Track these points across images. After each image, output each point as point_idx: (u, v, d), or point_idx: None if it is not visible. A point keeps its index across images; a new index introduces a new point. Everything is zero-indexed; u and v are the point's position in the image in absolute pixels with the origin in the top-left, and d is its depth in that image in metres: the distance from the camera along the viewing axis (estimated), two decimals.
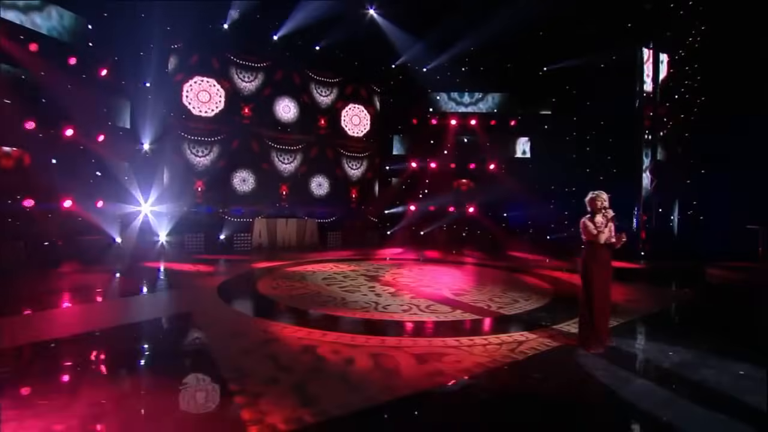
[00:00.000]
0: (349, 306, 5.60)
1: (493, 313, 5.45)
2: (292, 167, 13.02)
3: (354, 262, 9.54)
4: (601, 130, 12.23)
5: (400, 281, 7.30)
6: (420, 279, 7.54)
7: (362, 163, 14.29)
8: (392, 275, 7.82)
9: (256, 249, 11.61)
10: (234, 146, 11.82)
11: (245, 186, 12.20)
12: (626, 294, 6.61)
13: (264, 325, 4.85)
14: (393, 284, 7.00)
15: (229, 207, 11.69)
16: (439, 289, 6.69)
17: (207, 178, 11.43)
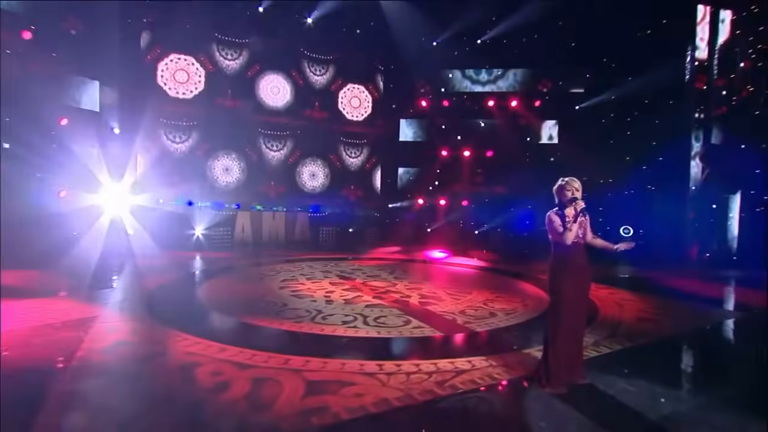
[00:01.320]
0: (283, 314, 5.35)
1: (456, 328, 5.05)
2: (281, 155, 12.88)
3: (340, 261, 9.52)
4: (646, 110, 11.03)
5: (370, 284, 7.14)
6: (396, 283, 7.30)
7: (362, 150, 14.01)
8: (368, 277, 7.67)
9: (237, 245, 11.61)
10: (216, 132, 11.70)
11: (228, 176, 12.13)
12: (647, 308, 6.07)
13: (163, 334, 4.52)
14: (359, 288, 6.85)
15: (209, 199, 11.64)
16: (407, 296, 6.40)
17: (185, 166, 11.37)
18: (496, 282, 7.75)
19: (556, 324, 3.27)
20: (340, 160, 13.72)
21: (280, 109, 12.69)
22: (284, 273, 7.75)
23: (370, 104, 14.00)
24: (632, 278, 8.84)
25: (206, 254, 10.05)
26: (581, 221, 3.17)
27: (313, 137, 13.14)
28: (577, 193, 3.20)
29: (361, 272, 8.19)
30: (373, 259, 9.98)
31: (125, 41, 10.12)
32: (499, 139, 13.23)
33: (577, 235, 3.18)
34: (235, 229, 11.85)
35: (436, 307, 5.85)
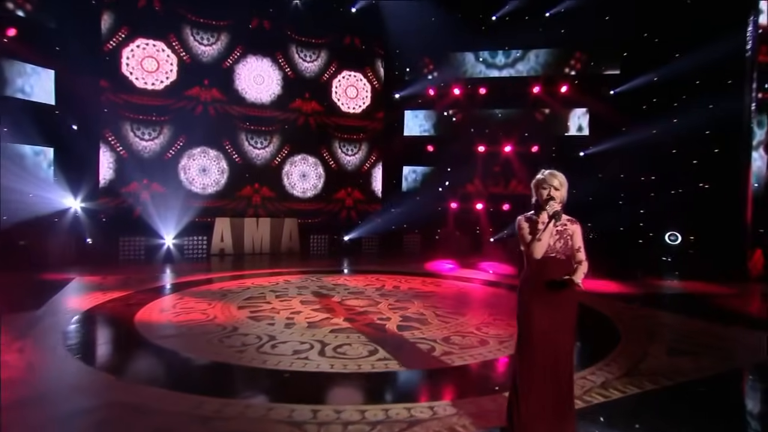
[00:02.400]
0: (226, 342, 5.05)
1: (430, 361, 4.62)
2: (267, 153, 12.70)
3: (326, 274, 9.35)
4: (696, 92, 10.34)
5: (347, 303, 6.89)
6: (380, 302, 7.03)
7: (360, 147, 13.83)
8: (349, 294, 7.46)
9: (215, 256, 11.57)
10: (191, 127, 11.50)
11: (205, 177, 11.98)
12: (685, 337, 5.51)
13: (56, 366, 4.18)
14: (333, 308, 6.56)
15: (183, 203, 11.47)
16: (386, 319, 6.08)
17: (155, 167, 11.21)
18: (501, 300, 7.40)
19: (523, 364, 2.80)
20: (334, 159, 13.54)
21: (265, 101, 12.54)
22: (253, 290, 7.63)
23: (368, 94, 13.82)
24: (674, 295, 8.29)
25: (173, 267, 9.95)
26: (560, 231, 2.76)
27: (303, 132, 12.97)
28: (555, 192, 2.76)
29: (344, 289, 7.95)
30: (374, 272, 9.79)
31: (83, 24, 10.03)
32: (519, 132, 12.91)
33: (554, 249, 2.75)
34: (213, 238, 11.71)
35: (415, 333, 5.49)
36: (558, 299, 2.77)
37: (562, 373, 2.78)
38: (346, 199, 13.58)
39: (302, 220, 12.77)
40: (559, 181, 2.79)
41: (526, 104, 12.84)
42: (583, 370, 4.29)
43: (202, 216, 11.71)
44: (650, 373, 4.29)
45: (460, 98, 13.25)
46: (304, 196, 13.13)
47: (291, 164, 12.99)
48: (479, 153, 13.05)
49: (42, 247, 9.07)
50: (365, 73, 13.72)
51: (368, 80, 13.75)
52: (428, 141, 13.62)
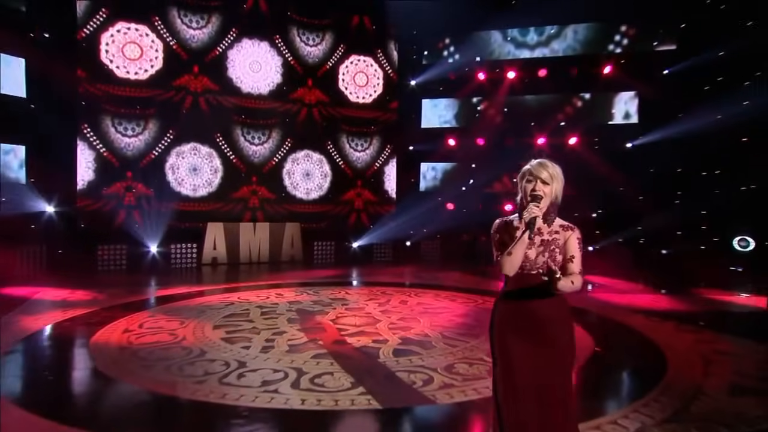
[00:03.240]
0: (188, 369, 4.83)
1: (416, 398, 4.27)
2: (265, 149, 12.62)
3: (327, 287, 9.26)
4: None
5: (342, 321, 6.69)
6: (381, 320, 6.80)
7: (371, 141, 13.70)
8: (348, 312, 7.28)
9: (206, 266, 11.55)
10: (179, 121, 11.51)
11: (196, 177, 11.92)
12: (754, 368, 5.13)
13: None
14: (323, 327, 6.43)
15: (171, 206, 11.48)
16: (383, 341, 5.81)
17: (140, 166, 11.21)
18: None
19: (499, 408, 2.47)
20: (342, 155, 13.44)
21: (263, 91, 12.47)
22: (237, 306, 7.55)
23: (380, 81, 13.68)
24: (743, 314, 7.72)
25: (156, 278, 9.88)
26: (547, 242, 2.49)
27: (306, 126, 12.89)
28: (542, 187, 2.47)
29: (342, 304, 7.78)
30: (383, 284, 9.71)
31: (57, 6, 10.01)
32: (555, 121, 12.56)
33: (535, 265, 2.48)
34: (204, 246, 11.64)
35: (414, 360, 5.17)
36: (542, 325, 2.45)
37: (552, 423, 2.40)
38: (355, 201, 13.48)
39: (305, 225, 12.67)
40: (550, 173, 2.48)
41: (562, 89, 12.45)
42: (612, 412, 3.93)
43: (193, 221, 11.66)
44: (703, 419, 3.83)
45: (485, 84, 12.97)
46: (308, 198, 13.05)
47: (293, 162, 12.91)
48: (508, 146, 12.68)
49: (6, 258, 9.04)
50: (376, 57, 13.58)
51: (380, 65, 13.62)
52: (449, 133, 13.34)
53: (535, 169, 2.49)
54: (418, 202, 13.12)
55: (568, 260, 2.47)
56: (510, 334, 2.47)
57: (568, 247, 2.49)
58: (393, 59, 13.68)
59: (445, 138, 13.27)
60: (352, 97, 13.38)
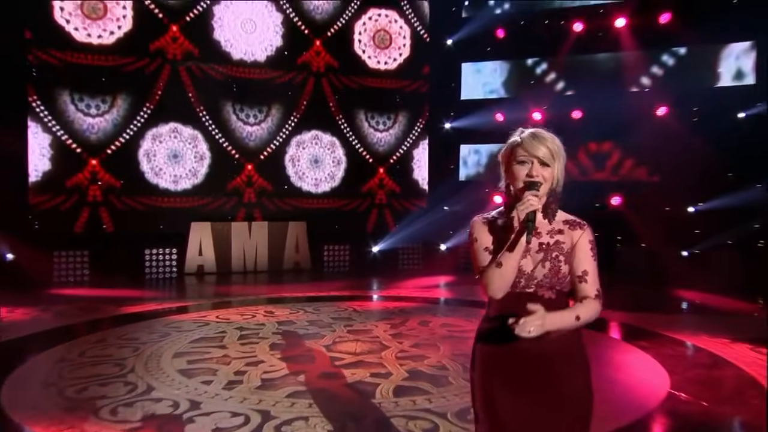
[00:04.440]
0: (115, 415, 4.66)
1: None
2: (263, 131, 12.64)
3: (333, 302, 9.34)
4: None
5: (339, 348, 6.69)
6: (390, 347, 6.76)
7: (396, 118, 13.61)
8: (350, 335, 7.31)
9: (190, 275, 11.60)
10: (154, 96, 11.54)
11: (177, 166, 11.94)
12: None
13: None
14: (314, 356, 6.40)
15: (146, 202, 11.53)
16: (385, 375, 5.70)
17: (107, 153, 11.27)
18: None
19: None
20: (359, 136, 13.37)
21: (259, 57, 12.46)
22: (213, 327, 7.60)
23: (407, 42, 13.59)
24: None
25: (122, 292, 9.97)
26: (547, 245, 2.39)
27: (314, 100, 12.87)
28: (541, 170, 2.33)
29: (345, 325, 7.78)
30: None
31: None
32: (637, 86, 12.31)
33: (532, 279, 2.37)
34: (187, 251, 11.64)
35: (418, 401, 4.96)
36: (544, 368, 2.33)
37: None
38: (376, 194, 13.47)
39: (314, 224, 12.63)
40: (550, 149, 2.31)
41: (648, 43, 12.00)
42: None
43: (174, 219, 11.71)
44: None
45: (545, 40, 12.68)
46: (317, 191, 13.05)
47: (298, 146, 12.92)
48: (574, 121, 12.41)
49: None
50: (402, 10, 13.43)
51: (406, 21, 13.46)
52: (497, 106, 13.02)
53: (529, 144, 2.30)
54: (457, 195, 12.95)
55: (580, 276, 2.30)
56: (497, 381, 2.34)
57: (578, 256, 2.32)
58: (423, 12, 13.52)
59: (491, 112, 12.93)
60: (372, 63, 13.30)
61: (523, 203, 2.21)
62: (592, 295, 2.27)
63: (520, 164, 2.32)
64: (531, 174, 2.27)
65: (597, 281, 2.32)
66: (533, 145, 2.31)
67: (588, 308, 2.26)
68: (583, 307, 2.24)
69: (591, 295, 2.27)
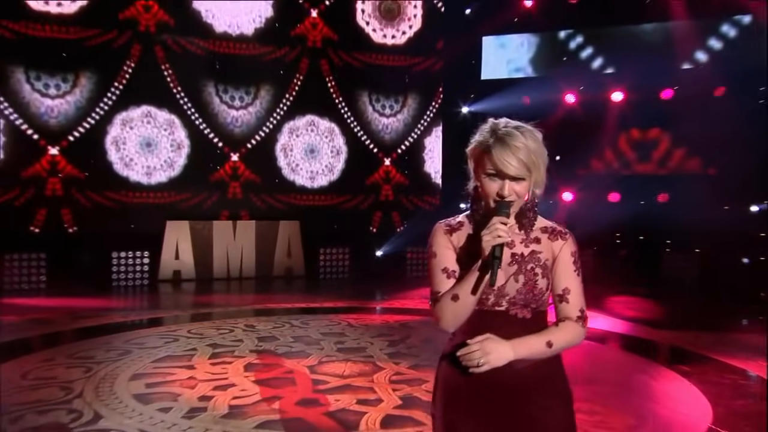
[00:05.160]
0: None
1: None
2: (250, 115, 12.72)
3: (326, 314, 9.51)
4: None
5: (323, 371, 6.65)
6: (384, 368, 6.77)
7: (405, 102, 13.70)
8: (339, 354, 7.38)
9: (165, 282, 11.68)
10: (123, 74, 11.58)
11: (151, 156, 11.99)
12: None
13: None
14: (295, 378, 6.40)
15: (114, 197, 11.58)
16: (374, 402, 5.69)
17: (67, 140, 11.28)
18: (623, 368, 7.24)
19: None
20: (361, 123, 13.45)
21: (246, 30, 12.51)
22: (182, 343, 7.60)
23: (418, 11, 13.69)
24: None
25: (83, 302, 9.90)
26: (521, 257, 2.40)
27: (309, 81, 12.96)
28: (516, 186, 2.28)
29: (336, 342, 7.83)
30: None
31: None
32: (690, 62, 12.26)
33: (503, 296, 2.38)
34: (162, 254, 11.66)
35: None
36: (518, 401, 2.37)
37: None
38: (381, 189, 13.53)
39: (309, 224, 12.63)
40: (523, 160, 2.24)
41: (700, 11, 11.80)
42: None
43: (147, 218, 11.73)
44: None
45: (579, 9, 12.55)
46: (313, 185, 13.13)
47: (291, 133, 12.97)
48: (614, 104, 12.41)
49: None
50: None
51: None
52: (524, 87, 12.92)
53: (499, 157, 2.20)
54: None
55: (560, 295, 2.32)
56: (461, 416, 2.37)
57: (559, 271, 2.33)
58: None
59: (517, 94, 12.78)
60: (377, 36, 13.34)
61: (490, 231, 2.15)
62: (573, 317, 2.28)
63: (489, 178, 2.26)
64: (502, 194, 2.22)
65: (580, 301, 2.33)
66: (503, 162, 2.22)
67: (565, 332, 2.26)
68: (559, 331, 2.24)
69: (572, 316, 2.28)
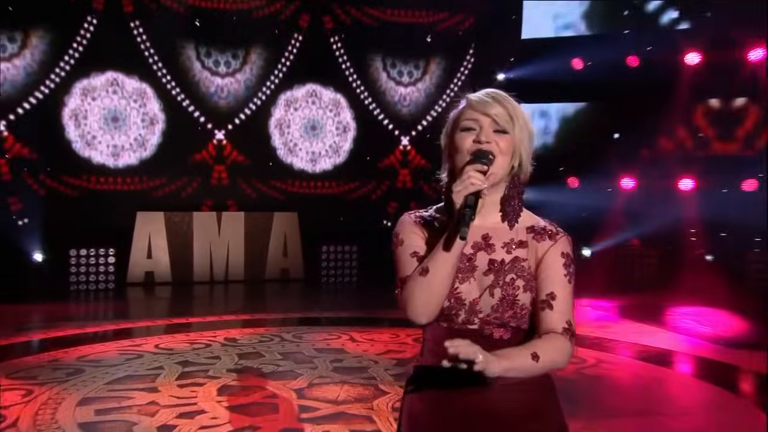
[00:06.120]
0: None
1: None
2: (238, 84, 12.84)
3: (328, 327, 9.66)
4: None
5: (313, 396, 6.70)
6: (389, 392, 6.81)
7: (428, 68, 13.80)
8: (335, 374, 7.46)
9: (135, 286, 11.83)
10: (84, 34, 11.60)
11: (117, 133, 12.05)
12: None
13: None
14: (278, 404, 6.49)
15: (73, 182, 11.73)
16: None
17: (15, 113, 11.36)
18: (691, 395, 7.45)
19: None
20: (373, 93, 13.52)
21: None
22: (147, 360, 7.63)
23: None
24: None
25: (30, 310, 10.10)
26: (499, 263, 2.43)
27: (310, 41, 13.07)
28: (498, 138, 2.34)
29: (333, 359, 7.89)
30: None
31: None
32: None
33: (474, 312, 2.43)
34: (131, 252, 11.76)
35: None
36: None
37: None
38: (397, 174, 13.70)
39: (309, 216, 12.77)
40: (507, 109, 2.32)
41: None
42: None
43: (113, 207, 11.83)
44: None
45: None
46: (314, 169, 13.28)
47: (287, 106, 13.09)
48: (689, 68, 12.29)
49: None
50: None
51: None
52: (575, 48, 13.04)
53: (479, 102, 2.28)
54: None
55: (544, 301, 2.33)
56: (415, 416, 2.49)
57: (545, 273, 2.35)
58: None
59: (566, 58, 12.95)
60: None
61: (462, 181, 2.15)
62: (558, 329, 2.26)
63: (464, 131, 2.30)
64: (479, 140, 2.24)
65: (568, 311, 2.33)
66: (484, 102, 2.28)
67: (551, 346, 2.24)
68: (544, 342, 2.22)
69: (557, 328, 2.26)
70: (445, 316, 2.34)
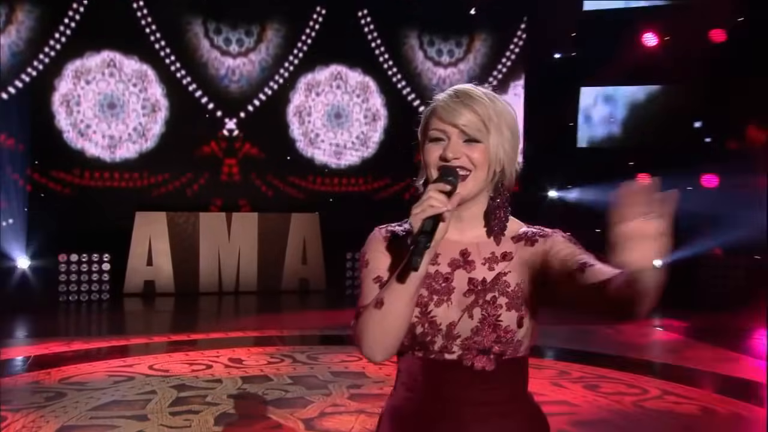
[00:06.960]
0: None
1: None
2: (252, 65, 13.04)
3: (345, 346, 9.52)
4: None
5: (322, 428, 6.62)
6: None
7: (470, 46, 14.09)
8: (351, 402, 7.38)
9: (132, 297, 11.96)
10: (77, 8, 11.87)
11: (115, 122, 12.18)
12: None
13: None
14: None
15: (65, 177, 11.77)
16: None
17: (0, 101, 11.59)
18: None
19: None
20: (407, 74, 13.80)
21: None
22: (137, 383, 7.63)
23: None
24: None
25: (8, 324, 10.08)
26: (478, 284, 2.37)
27: (334, 16, 13.31)
28: (468, 150, 2.29)
29: (350, 383, 7.88)
30: None
31: None
32: None
33: (452, 338, 2.38)
34: (129, 258, 11.87)
35: None
36: None
37: None
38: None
39: (332, 218, 12.85)
40: (479, 113, 2.25)
41: None
42: None
43: (109, 207, 12.02)
44: None
45: None
46: (339, 164, 13.54)
47: (308, 90, 13.33)
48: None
49: None
50: None
51: None
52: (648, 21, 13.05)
53: (446, 107, 2.23)
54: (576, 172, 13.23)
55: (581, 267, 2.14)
56: None
57: (559, 255, 2.23)
58: None
59: (636, 32, 13.01)
60: None
61: (420, 203, 2.07)
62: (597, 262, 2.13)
63: (432, 142, 2.25)
64: (445, 156, 2.18)
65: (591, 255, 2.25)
66: (450, 109, 2.22)
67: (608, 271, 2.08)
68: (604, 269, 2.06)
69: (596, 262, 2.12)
70: (420, 343, 2.30)
